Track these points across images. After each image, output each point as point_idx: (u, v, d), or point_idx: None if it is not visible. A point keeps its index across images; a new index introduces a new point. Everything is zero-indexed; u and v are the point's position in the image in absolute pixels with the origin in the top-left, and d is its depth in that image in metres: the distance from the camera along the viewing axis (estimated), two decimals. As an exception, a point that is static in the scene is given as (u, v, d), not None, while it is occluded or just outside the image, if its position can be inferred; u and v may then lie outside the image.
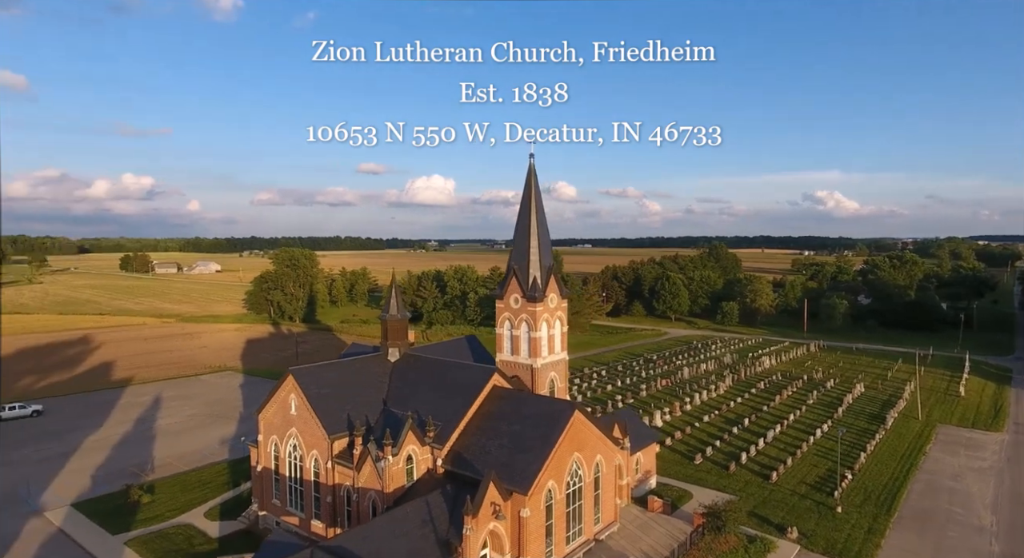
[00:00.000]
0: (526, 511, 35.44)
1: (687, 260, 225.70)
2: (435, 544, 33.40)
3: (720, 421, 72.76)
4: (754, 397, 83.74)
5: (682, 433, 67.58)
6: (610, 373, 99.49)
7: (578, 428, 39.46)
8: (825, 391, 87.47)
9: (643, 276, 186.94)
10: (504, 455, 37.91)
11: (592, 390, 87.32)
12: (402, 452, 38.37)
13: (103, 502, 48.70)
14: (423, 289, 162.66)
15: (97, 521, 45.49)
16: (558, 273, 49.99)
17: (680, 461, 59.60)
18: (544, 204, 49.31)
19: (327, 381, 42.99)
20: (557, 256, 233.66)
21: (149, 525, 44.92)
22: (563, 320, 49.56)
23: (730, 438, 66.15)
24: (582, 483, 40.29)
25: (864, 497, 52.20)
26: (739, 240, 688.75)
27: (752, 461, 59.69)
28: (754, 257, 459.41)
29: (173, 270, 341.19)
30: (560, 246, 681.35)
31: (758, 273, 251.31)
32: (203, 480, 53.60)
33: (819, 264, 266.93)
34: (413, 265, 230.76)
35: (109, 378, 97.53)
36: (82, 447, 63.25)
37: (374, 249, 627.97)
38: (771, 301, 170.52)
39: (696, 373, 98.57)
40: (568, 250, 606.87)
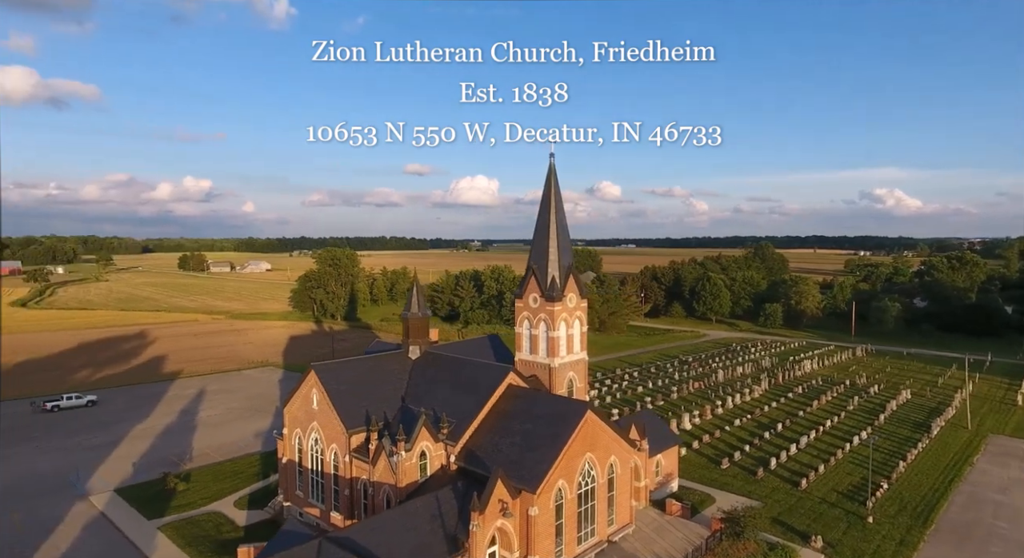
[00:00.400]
0: (534, 510, 35.60)
1: (730, 260, 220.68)
2: (443, 539, 33.95)
3: (752, 425, 71.04)
4: (790, 402, 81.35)
5: (711, 437, 66.31)
6: (642, 374, 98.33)
7: (590, 428, 39.36)
8: (868, 397, 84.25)
9: (683, 277, 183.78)
10: (515, 453, 38.17)
11: (622, 391, 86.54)
12: (415, 448, 39.11)
13: (143, 488, 51.36)
14: (460, 289, 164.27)
15: (136, 506, 48.04)
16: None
17: (706, 465, 58.53)
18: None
19: (347, 377, 44.17)
20: (596, 256, 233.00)
21: (182, 512, 47.15)
22: (582, 320, 49.44)
23: (761, 443, 64.54)
24: (595, 483, 40.16)
25: (899, 508, 50.14)
26: (790, 240, 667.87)
27: (782, 467, 58.10)
28: (805, 258, 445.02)
29: (226, 269, 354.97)
30: (603, 246, 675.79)
31: (806, 274, 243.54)
32: (236, 470, 55.82)
33: (874, 265, 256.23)
34: (455, 265, 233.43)
35: (160, 371, 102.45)
36: (129, 436, 66.76)
37: (418, 249, 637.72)
38: (817, 303, 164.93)
39: (731, 376, 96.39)
40: (611, 250, 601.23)
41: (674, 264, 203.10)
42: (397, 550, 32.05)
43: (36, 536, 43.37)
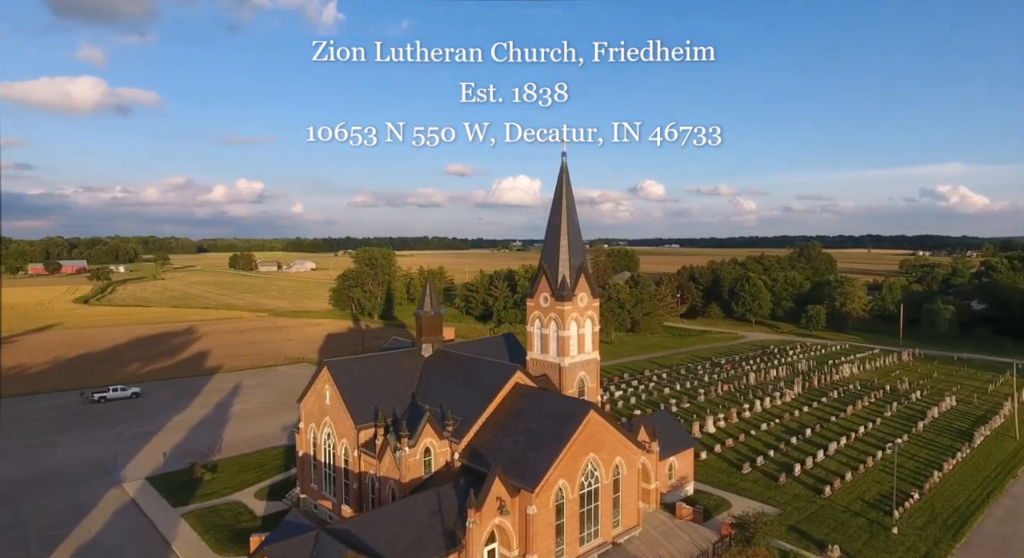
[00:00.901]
0: (532, 508, 35.71)
1: (773, 260, 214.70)
2: (441, 535, 34.44)
3: (779, 430, 69.12)
4: (823, 406, 78.74)
5: (734, 440, 64.87)
6: (671, 376, 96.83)
7: (594, 428, 39.19)
8: (908, 403, 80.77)
9: (722, 277, 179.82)
10: (518, 452, 38.37)
11: (648, 392, 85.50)
12: (419, 444, 39.77)
13: (172, 477, 53.81)
14: (494, 288, 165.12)
15: (164, 494, 50.40)
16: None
17: (726, 469, 57.31)
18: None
19: (359, 374, 45.23)
20: (633, 256, 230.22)
21: (205, 500, 49.21)
22: (594, 320, 49.18)
23: (787, 448, 62.75)
24: (599, 484, 39.97)
25: (928, 519, 48.02)
26: (843, 240, 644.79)
27: (806, 473, 56.39)
28: (857, 258, 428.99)
29: (274, 268, 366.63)
30: (645, 246, 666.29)
31: (857, 275, 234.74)
32: (260, 462, 57.84)
33: (931, 266, 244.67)
34: (494, 265, 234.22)
35: (202, 366, 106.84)
36: (166, 427, 69.98)
37: (459, 249, 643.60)
38: (864, 305, 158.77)
39: (763, 379, 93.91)
40: (653, 250, 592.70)
41: (713, 264, 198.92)
42: (394, 544, 32.70)
43: (72, 519, 46.06)
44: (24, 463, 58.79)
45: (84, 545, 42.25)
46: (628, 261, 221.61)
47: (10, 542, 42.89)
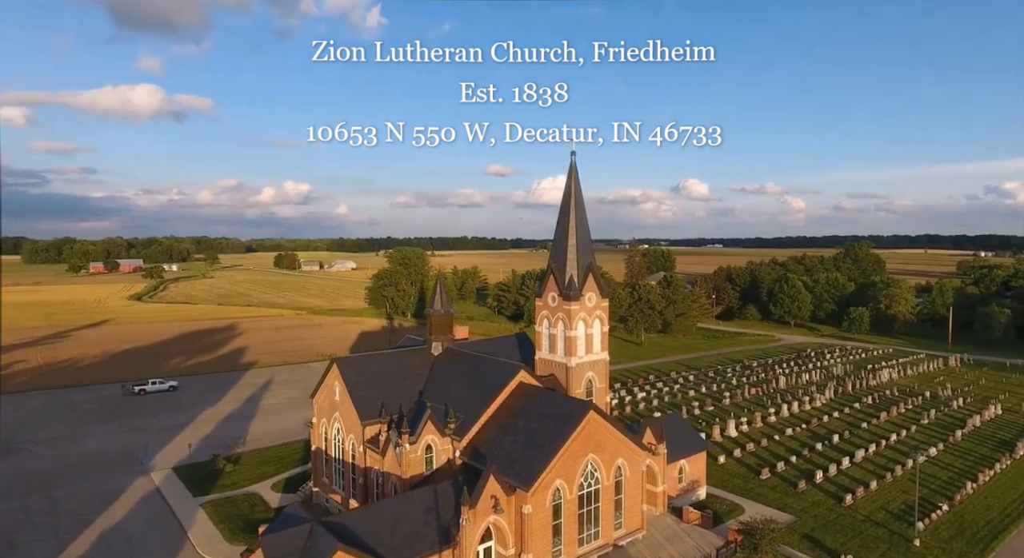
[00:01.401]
0: (528, 508, 35.72)
1: (815, 261, 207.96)
2: (436, 531, 34.82)
3: (805, 435, 67.03)
4: (855, 412, 75.93)
5: (756, 445, 63.25)
6: (698, 378, 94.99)
7: (594, 429, 38.91)
8: (948, 411, 77.11)
9: (760, 278, 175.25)
10: (516, 451, 38.44)
11: (672, 395, 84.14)
12: (420, 441, 40.27)
13: (196, 468, 55.94)
14: (526, 288, 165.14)
15: (187, 484, 52.48)
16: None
17: (744, 474, 55.95)
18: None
19: (368, 371, 46.10)
20: (669, 257, 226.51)
21: (224, 491, 51.00)
22: (603, 319, 48.73)
23: (810, 454, 60.81)
24: (599, 485, 39.66)
25: (956, 532, 45.81)
26: (897, 239, 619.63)
27: (829, 481, 54.53)
28: (912, 259, 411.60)
29: (316, 268, 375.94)
30: (687, 246, 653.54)
31: (909, 276, 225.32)
32: (280, 456, 59.53)
33: (990, 267, 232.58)
34: (531, 265, 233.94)
35: (238, 361, 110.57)
36: (197, 419, 72.78)
37: (498, 249, 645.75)
38: (911, 307, 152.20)
39: (794, 383, 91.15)
40: (694, 251, 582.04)
41: (751, 265, 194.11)
42: (389, 539, 33.26)
43: (100, 506, 48.47)
44: (63, 450, 62.13)
45: (108, 530, 44.39)
46: (664, 261, 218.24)
47: (42, 525, 45.44)
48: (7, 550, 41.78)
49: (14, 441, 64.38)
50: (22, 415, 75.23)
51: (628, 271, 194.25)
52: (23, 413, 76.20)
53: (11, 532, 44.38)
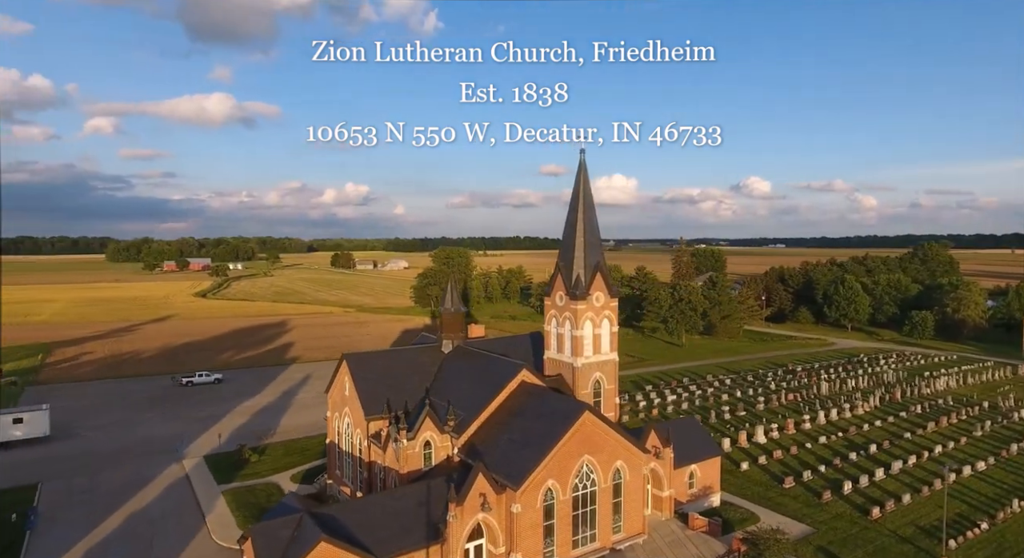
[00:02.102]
0: (517, 507, 35.68)
1: (878, 261, 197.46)
2: (425, 526, 35.27)
3: (840, 444, 63.89)
4: (900, 422, 71.74)
5: (784, 452, 60.78)
6: (736, 382, 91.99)
7: (589, 430, 38.45)
8: (1007, 422, 71.83)
9: (815, 279, 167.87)
10: (511, 450, 38.45)
11: (704, 398, 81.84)
12: (419, 437, 40.85)
13: (225, 457, 58.64)
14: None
15: (213, 472, 55.11)
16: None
17: (766, 482, 53.91)
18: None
19: (377, 367, 47.13)
20: (719, 257, 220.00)
21: (246, 480, 53.26)
22: (612, 320, 48.02)
23: (842, 464, 57.94)
24: (595, 488, 39.14)
25: (992, 553, 42.81)
26: (980, 239, 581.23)
27: (858, 492, 51.83)
28: (995, 259, 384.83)
29: (370, 267, 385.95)
30: (747, 246, 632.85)
31: (985, 278, 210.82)
32: (304, 448, 61.61)
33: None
34: None
35: (283, 356, 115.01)
36: (234, 411, 76.23)
37: (550, 248, 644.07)
38: (982, 312, 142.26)
39: (838, 389, 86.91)
40: (754, 250, 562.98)
41: (806, 265, 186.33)
42: (377, 532, 33.94)
43: (133, 489, 51.56)
44: (112, 436, 66.40)
45: (135, 512, 47.19)
46: (714, 262, 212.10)
47: (79, 504, 48.77)
48: (48, 526, 45.05)
49: (71, 427, 69.27)
50: (83, 403, 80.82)
51: (675, 271, 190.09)
52: (84, 401, 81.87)
53: (53, 510, 47.84)
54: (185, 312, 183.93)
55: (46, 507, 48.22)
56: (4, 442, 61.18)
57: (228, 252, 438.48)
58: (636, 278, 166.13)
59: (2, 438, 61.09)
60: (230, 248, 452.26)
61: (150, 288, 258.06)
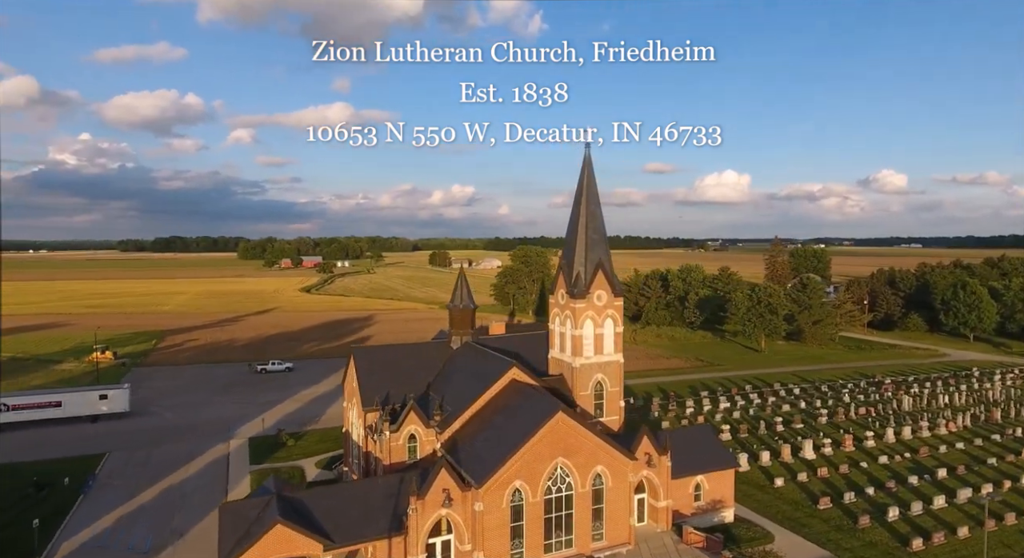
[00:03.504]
0: (479, 505, 35.31)
1: (1017, 263, 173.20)
2: (390, 517, 35.84)
3: (903, 466, 57.10)
4: (990, 445, 62.85)
5: (832, 470, 55.36)
6: (806, 392, 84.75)
7: (564, 432, 37.22)
8: None
9: (932, 282, 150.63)
10: (484, 448, 38.15)
11: (761, 407, 76.16)
12: (403, 430, 41.57)
13: (265, 440, 62.89)
14: (647, 288, 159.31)
15: (251, 453, 59.34)
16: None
17: (799, 501, 49.37)
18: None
19: (382, 361, 48.46)
20: (823, 257, 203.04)
21: (275, 462, 56.81)
22: (616, 319, 46.05)
23: (897, 488, 51.77)
24: (572, 492, 37.82)
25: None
26: None
27: (905, 520, 46.14)
28: None
29: (465, 265, 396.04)
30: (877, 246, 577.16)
31: None
32: (337, 436, 64.22)
33: None
34: (686, 265, 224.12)
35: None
36: (293, 398, 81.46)
37: (651, 248, 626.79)
38: None
39: (924, 405, 77.49)
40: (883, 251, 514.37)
41: (923, 267, 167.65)
42: (341, 519, 35.01)
43: (179, 464, 56.72)
44: (181, 416, 73.37)
45: (173, 485, 51.93)
46: (816, 262, 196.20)
47: (132, 473, 54.44)
48: (100, 491, 50.69)
49: (149, 405, 77.41)
50: (170, 384, 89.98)
51: (768, 272, 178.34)
52: (172, 382, 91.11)
53: (109, 477, 53.80)
54: (287, 305, 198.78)
55: (105, 475, 54.30)
56: (93, 415, 69.55)
57: (338, 251, 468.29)
58: (719, 278, 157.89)
59: (91, 412, 69.48)
60: (341, 247, 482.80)
61: (264, 283, 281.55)
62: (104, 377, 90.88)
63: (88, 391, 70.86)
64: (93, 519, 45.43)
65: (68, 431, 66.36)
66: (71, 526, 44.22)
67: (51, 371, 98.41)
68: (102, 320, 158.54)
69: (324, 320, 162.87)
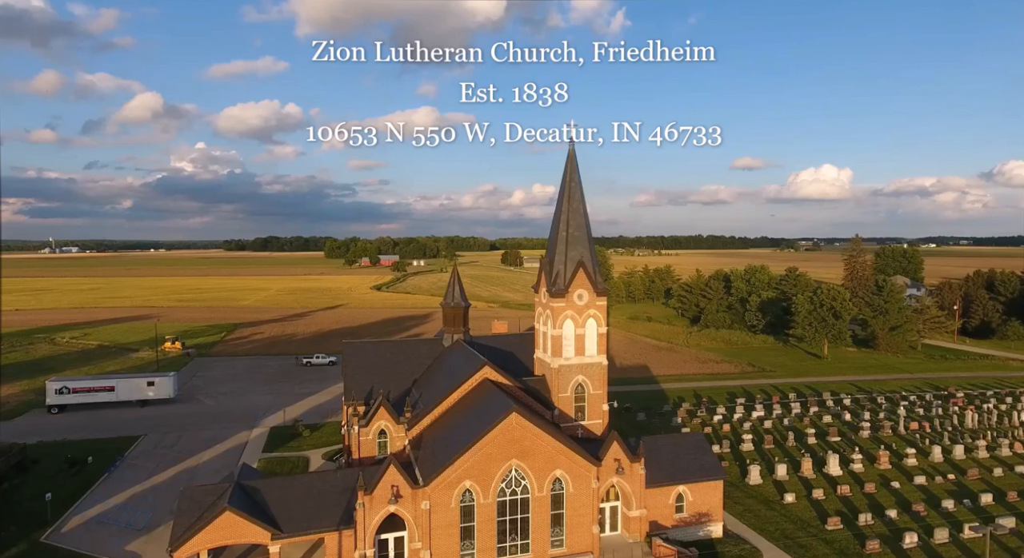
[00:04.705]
0: (426, 504, 35.03)
1: None
2: (343, 510, 36.27)
3: (942, 488, 51.32)
4: (1056, 470, 55.07)
5: (857, 488, 50.69)
6: (857, 403, 78.03)
7: (518, 434, 36.19)
8: None
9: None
10: (441, 446, 37.85)
11: (798, 418, 70.82)
12: (372, 426, 42.00)
13: (284, 430, 65.56)
14: (709, 289, 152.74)
15: (267, 442, 62.07)
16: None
17: (806, 520, 45.49)
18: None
19: (371, 357, 49.29)
20: (915, 258, 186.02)
21: (286, 452, 59.07)
22: (599, 320, 44.34)
23: (927, 512, 46.56)
24: (528, 495, 36.72)
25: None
26: None
27: (923, 549, 41.52)
28: None
29: (536, 264, 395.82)
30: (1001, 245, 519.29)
31: None
32: (352, 428, 66.36)
33: None
34: (777, 265, 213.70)
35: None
36: (327, 390, 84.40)
37: (736, 248, 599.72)
38: None
39: (993, 422, 69.19)
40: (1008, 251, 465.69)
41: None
42: (293, 508, 35.85)
43: (201, 449, 60.20)
44: (221, 403, 77.97)
45: (188, 468, 55.17)
46: (907, 263, 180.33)
47: (157, 456, 58.35)
48: (124, 471, 54.55)
49: (195, 392, 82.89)
50: (222, 373, 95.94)
51: (848, 274, 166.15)
52: (224, 372, 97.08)
53: (136, 458, 58.02)
54: (356, 302, 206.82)
55: (133, 455, 58.62)
56: (142, 400, 75.39)
57: (416, 250, 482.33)
58: (786, 280, 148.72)
59: (140, 397, 75.33)
60: (418, 246, 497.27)
61: (341, 281, 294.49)
62: (168, 365, 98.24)
63: (137, 378, 76.86)
64: (108, 496, 49.03)
65: (119, 414, 72.31)
66: (87, 502, 47.99)
67: (128, 359, 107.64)
68: (187, 313, 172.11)
69: (385, 317, 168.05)
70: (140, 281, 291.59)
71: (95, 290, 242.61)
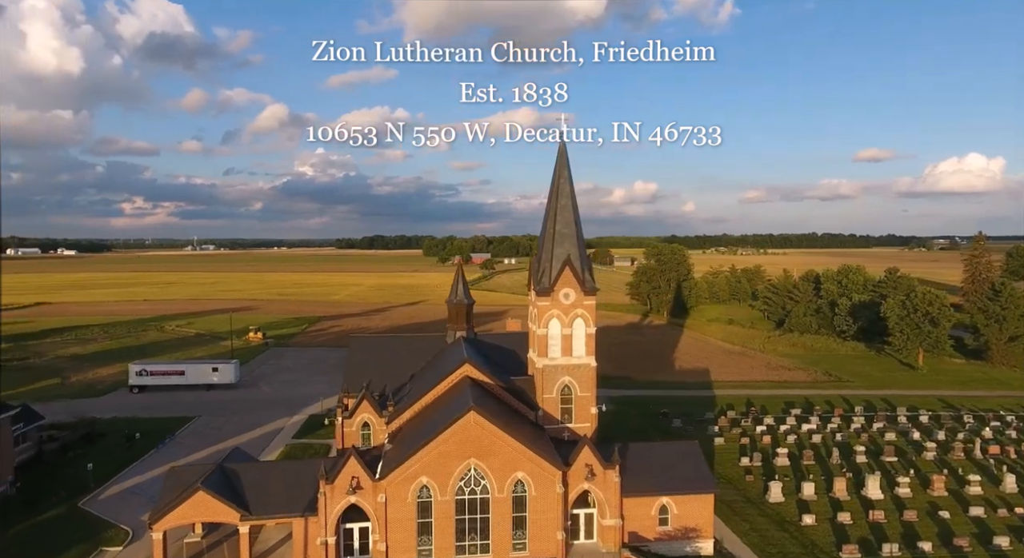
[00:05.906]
0: (381, 497, 35.37)
1: None
2: (312, 497, 37.44)
3: (1002, 522, 44.51)
4: None
5: (895, 515, 45.21)
6: (935, 421, 69.36)
7: (476, 434, 35.60)
8: None
9: None
10: (409, 440, 38.05)
11: (857, 433, 64.02)
12: (356, 417, 43.02)
13: (319, 418, 68.74)
14: (797, 291, 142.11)
15: (302, 428, 65.50)
16: (585, 265, 42.94)
17: (819, 545, 41.25)
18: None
19: (374, 351, 50.69)
20: None
21: (313, 438, 61.93)
22: (587, 320, 42.71)
23: (971, 548, 40.57)
24: (488, 496, 36.02)
25: None
26: None
27: (952, 591, 36.10)
28: None
29: (627, 263, 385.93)
30: None
31: None
32: (382, 420, 68.35)
33: None
34: (906, 266, 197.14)
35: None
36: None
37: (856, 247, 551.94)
38: None
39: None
40: None
41: None
42: (263, 492, 37.48)
43: (241, 432, 64.50)
44: (277, 391, 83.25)
45: (222, 449, 58.88)
46: (1017, 261, 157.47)
47: (202, 436, 63.33)
48: (170, 448, 59.65)
49: (259, 380, 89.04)
50: (289, 363, 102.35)
51: (967, 275, 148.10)
52: (292, 361, 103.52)
53: (185, 437, 63.30)
54: (434, 298, 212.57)
55: (184, 434, 64.05)
56: (207, 384, 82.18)
57: (510, 248, 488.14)
58: (886, 281, 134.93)
59: (206, 381, 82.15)
60: (511, 245, 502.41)
61: (431, 278, 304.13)
62: (244, 353, 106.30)
63: (204, 364, 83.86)
64: (148, 470, 54.00)
65: (187, 396, 79.31)
66: (127, 473, 53.13)
67: (216, 346, 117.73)
68: (282, 306, 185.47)
69: (437, 317, 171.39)
70: (253, 276, 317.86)
71: (213, 284, 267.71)
